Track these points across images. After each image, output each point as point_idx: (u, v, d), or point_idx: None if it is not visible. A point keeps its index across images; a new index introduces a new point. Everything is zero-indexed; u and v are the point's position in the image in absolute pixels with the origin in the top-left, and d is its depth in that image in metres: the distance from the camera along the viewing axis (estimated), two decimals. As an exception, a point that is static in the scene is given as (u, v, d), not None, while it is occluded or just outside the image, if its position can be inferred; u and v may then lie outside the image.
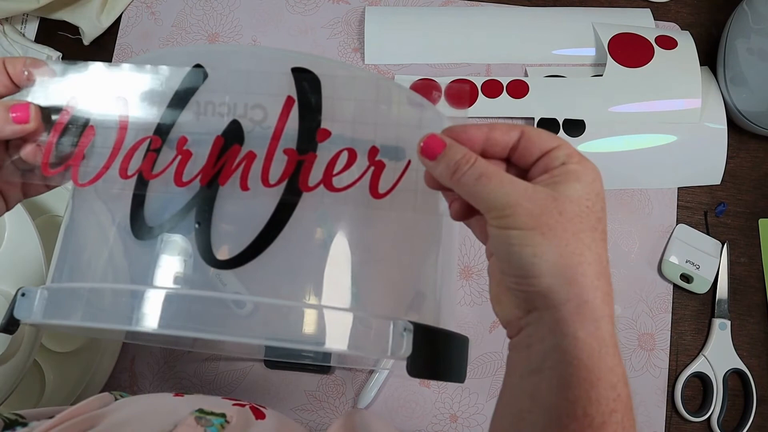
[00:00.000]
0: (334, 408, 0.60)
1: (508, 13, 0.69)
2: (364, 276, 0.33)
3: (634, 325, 0.61)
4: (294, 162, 0.31)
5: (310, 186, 0.31)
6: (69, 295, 0.33)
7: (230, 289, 0.30)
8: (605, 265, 0.28)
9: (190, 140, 0.31)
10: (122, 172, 0.32)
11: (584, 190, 0.29)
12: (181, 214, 0.30)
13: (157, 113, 0.33)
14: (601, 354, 0.27)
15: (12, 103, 0.33)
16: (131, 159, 0.32)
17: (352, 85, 0.34)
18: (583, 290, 0.27)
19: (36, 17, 0.71)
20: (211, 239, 0.30)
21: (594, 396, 0.26)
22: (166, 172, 0.31)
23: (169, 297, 0.29)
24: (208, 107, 0.32)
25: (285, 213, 0.30)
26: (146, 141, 0.32)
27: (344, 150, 0.32)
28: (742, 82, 0.62)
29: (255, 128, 0.31)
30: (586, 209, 0.28)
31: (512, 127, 0.30)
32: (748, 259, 0.63)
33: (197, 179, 0.30)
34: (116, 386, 0.61)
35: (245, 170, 0.30)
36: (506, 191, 0.28)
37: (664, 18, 0.69)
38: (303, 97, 0.32)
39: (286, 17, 0.70)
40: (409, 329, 0.31)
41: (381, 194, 0.32)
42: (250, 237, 0.30)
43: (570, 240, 0.27)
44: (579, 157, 0.30)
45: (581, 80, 0.65)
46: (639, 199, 0.64)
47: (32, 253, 0.53)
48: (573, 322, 0.27)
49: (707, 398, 0.60)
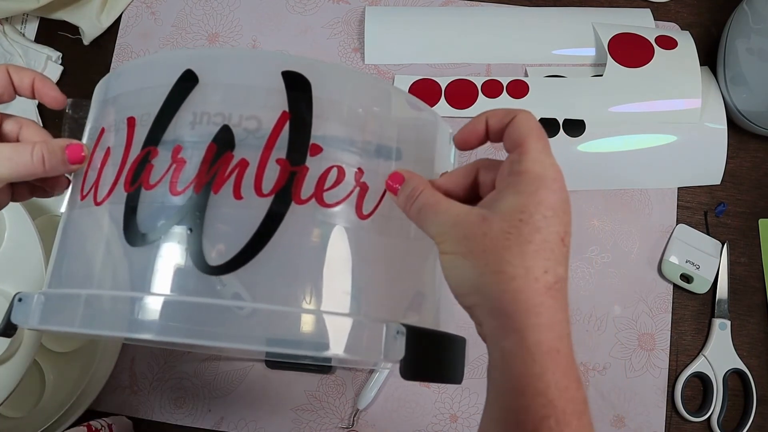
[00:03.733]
0: (334, 408, 0.60)
1: (508, 13, 0.69)
2: (363, 278, 0.33)
3: (634, 325, 0.61)
4: (287, 172, 0.31)
5: (303, 199, 0.31)
6: (66, 301, 0.33)
7: (229, 290, 0.30)
8: (539, 276, 0.28)
9: (184, 147, 0.31)
10: (126, 186, 0.32)
11: (520, 202, 0.28)
12: (173, 221, 0.31)
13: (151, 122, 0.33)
14: (526, 363, 0.27)
15: (67, 144, 0.35)
16: (134, 171, 0.32)
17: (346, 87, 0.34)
18: (504, 304, 0.28)
19: (36, 17, 0.71)
20: (203, 245, 0.30)
21: (523, 404, 0.27)
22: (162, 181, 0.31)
23: (164, 303, 0.29)
24: (203, 117, 0.32)
25: (275, 222, 0.30)
26: (146, 153, 0.32)
27: (334, 167, 0.32)
28: (742, 82, 0.62)
29: (248, 137, 0.31)
30: (519, 223, 0.28)
31: (507, 113, 0.31)
32: (748, 259, 0.63)
33: (191, 187, 0.31)
34: (116, 386, 0.61)
35: (238, 178, 0.31)
36: (440, 221, 0.30)
37: (664, 18, 0.69)
38: (297, 111, 0.32)
39: (286, 17, 0.70)
40: (401, 332, 0.31)
41: (365, 215, 0.33)
42: (241, 243, 0.30)
43: (490, 259, 0.28)
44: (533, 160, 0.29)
45: (581, 80, 0.65)
46: (639, 199, 0.64)
47: (32, 253, 0.53)
48: (497, 335, 0.28)
49: (707, 398, 0.60)
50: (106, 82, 0.37)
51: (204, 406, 0.61)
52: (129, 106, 0.34)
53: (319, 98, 0.32)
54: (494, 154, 0.64)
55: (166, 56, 0.38)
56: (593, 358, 0.61)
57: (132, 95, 0.35)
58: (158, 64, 0.35)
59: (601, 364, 0.60)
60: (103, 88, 0.37)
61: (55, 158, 0.34)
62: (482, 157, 0.33)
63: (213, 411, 0.60)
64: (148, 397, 0.61)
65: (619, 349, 0.61)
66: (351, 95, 0.34)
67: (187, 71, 0.32)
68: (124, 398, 0.61)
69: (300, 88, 0.32)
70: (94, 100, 0.38)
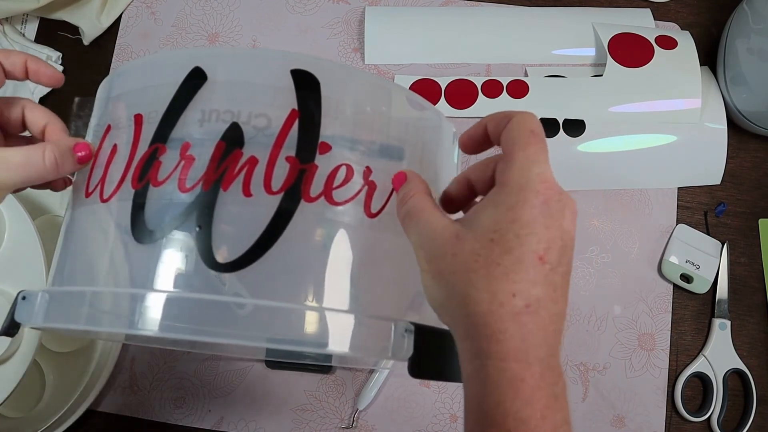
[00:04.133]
0: (334, 408, 0.60)
1: (508, 13, 0.69)
2: (365, 277, 0.33)
3: (634, 325, 0.61)
4: (296, 170, 0.31)
5: (312, 197, 0.31)
6: (70, 299, 0.33)
7: (230, 289, 0.30)
8: (505, 301, 0.26)
9: (193, 144, 0.31)
10: (134, 182, 0.32)
11: (494, 219, 0.27)
12: (182, 218, 0.30)
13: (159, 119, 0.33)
14: (485, 390, 0.26)
15: (74, 143, 0.35)
16: (141, 168, 0.32)
17: (353, 86, 0.34)
18: (468, 329, 0.27)
19: (36, 17, 0.71)
20: (212, 242, 0.30)
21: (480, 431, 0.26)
22: (171, 178, 0.31)
23: (170, 300, 0.29)
24: (212, 115, 0.32)
25: (285, 219, 0.30)
26: (153, 149, 0.32)
27: (342, 165, 0.32)
28: (742, 82, 0.62)
29: (257, 134, 0.31)
30: (489, 243, 0.26)
31: (504, 117, 0.30)
32: (748, 259, 0.63)
33: (200, 185, 0.30)
34: (116, 386, 0.61)
35: (247, 176, 0.31)
36: (419, 230, 0.29)
37: (664, 18, 0.69)
38: (306, 109, 0.32)
39: (286, 17, 0.70)
40: (410, 330, 0.31)
41: (374, 213, 0.33)
42: (250, 240, 0.30)
43: (457, 282, 0.27)
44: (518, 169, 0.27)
45: (581, 80, 0.65)
46: (639, 199, 0.64)
47: (32, 253, 0.53)
48: (462, 358, 0.28)
49: (707, 398, 0.60)
50: (110, 80, 0.37)
51: (204, 406, 0.61)
52: (136, 103, 0.34)
53: (328, 97, 0.32)
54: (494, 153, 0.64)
55: (173, 54, 0.38)
56: (593, 358, 0.61)
57: (139, 93, 0.35)
58: (166, 62, 0.35)
59: (601, 364, 0.60)
60: (107, 86, 0.37)
61: (68, 160, 0.34)
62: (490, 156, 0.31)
63: (213, 411, 0.60)
64: (148, 397, 0.61)
65: (619, 349, 0.61)
66: (359, 94, 0.34)
67: (195, 69, 0.32)
68: (124, 398, 0.61)
69: (309, 87, 0.32)
70: (98, 98, 0.38)
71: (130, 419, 0.60)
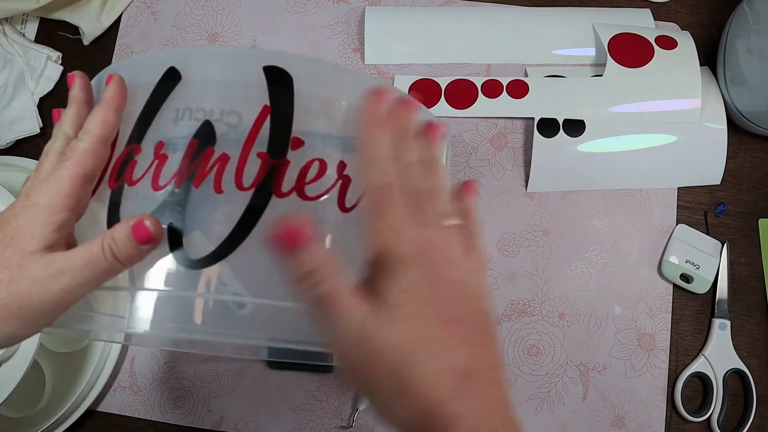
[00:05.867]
0: (334, 408, 0.60)
1: (508, 13, 0.69)
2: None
3: (634, 325, 0.61)
4: (267, 166, 0.31)
5: (283, 192, 0.31)
6: None
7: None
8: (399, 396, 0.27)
9: (167, 144, 0.32)
10: (111, 182, 0.32)
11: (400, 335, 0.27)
12: (155, 215, 0.31)
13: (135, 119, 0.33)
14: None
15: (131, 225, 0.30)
16: (118, 168, 0.32)
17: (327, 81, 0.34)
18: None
19: (36, 17, 0.71)
20: (183, 239, 0.30)
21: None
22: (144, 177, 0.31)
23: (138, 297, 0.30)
24: (185, 113, 0.32)
25: (255, 215, 0.31)
26: (129, 150, 0.32)
27: (315, 160, 0.32)
28: (742, 82, 0.62)
29: (229, 131, 0.31)
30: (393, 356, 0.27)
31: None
32: (748, 259, 0.63)
33: (172, 182, 0.31)
34: (116, 386, 0.61)
35: (218, 172, 0.31)
36: (331, 325, 0.27)
37: (664, 18, 0.69)
38: (278, 105, 0.32)
39: (286, 17, 0.70)
40: None
41: (348, 208, 0.32)
42: (222, 237, 0.30)
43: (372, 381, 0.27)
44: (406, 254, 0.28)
45: (581, 80, 0.65)
46: (639, 199, 0.64)
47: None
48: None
49: (707, 398, 0.60)
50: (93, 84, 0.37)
51: (204, 406, 0.61)
52: None
53: (301, 92, 0.32)
54: (494, 153, 0.64)
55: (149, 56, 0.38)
56: (593, 358, 0.61)
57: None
58: (142, 64, 0.35)
59: (601, 364, 0.60)
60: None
61: (128, 248, 0.29)
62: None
63: (213, 411, 0.61)
64: (148, 397, 0.61)
65: (619, 349, 0.61)
66: (334, 89, 0.34)
67: (170, 69, 0.33)
68: (124, 398, 0.61)
69: (282, 83, 0.32)
70: None
71: (130, 419, 0.61)
